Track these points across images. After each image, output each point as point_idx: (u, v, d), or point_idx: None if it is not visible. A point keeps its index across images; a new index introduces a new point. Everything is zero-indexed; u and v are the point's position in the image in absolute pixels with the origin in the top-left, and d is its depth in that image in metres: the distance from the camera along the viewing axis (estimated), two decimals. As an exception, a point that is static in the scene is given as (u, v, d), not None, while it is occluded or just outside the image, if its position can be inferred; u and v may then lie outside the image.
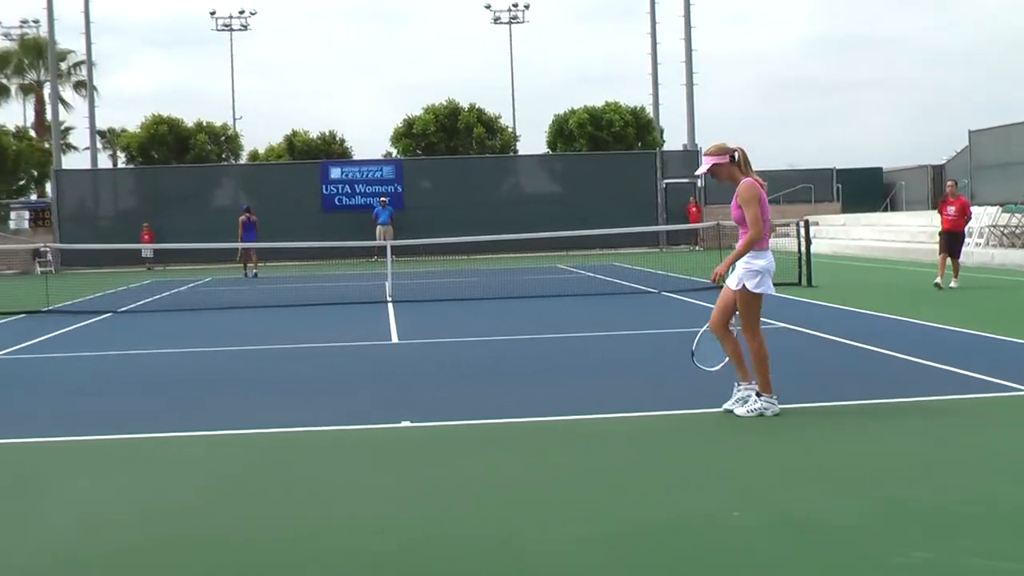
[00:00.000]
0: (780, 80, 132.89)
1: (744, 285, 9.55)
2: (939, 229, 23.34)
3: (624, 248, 46.33)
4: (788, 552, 5.93)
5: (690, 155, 52.95)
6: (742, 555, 5.87)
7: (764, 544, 6.04)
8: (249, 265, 38.59)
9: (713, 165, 9.76)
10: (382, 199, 47.48)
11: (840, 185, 54.41)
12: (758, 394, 9.62)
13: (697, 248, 47.74)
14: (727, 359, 9.95)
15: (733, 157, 9.73)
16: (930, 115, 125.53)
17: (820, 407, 10.03)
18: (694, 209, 50.21)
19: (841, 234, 42.99)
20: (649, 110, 58.42)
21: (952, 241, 22.88)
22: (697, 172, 9.93)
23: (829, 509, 6.67)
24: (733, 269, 9.71)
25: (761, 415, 9.50)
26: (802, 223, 25.33)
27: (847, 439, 8.76)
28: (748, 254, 9.56)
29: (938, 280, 22.42)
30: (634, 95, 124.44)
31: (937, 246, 23.60)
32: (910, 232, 37.14)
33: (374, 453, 8.82)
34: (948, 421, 9.47)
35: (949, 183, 24.18)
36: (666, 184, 51.42)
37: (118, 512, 7.18)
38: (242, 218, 38.73)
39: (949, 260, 22.76)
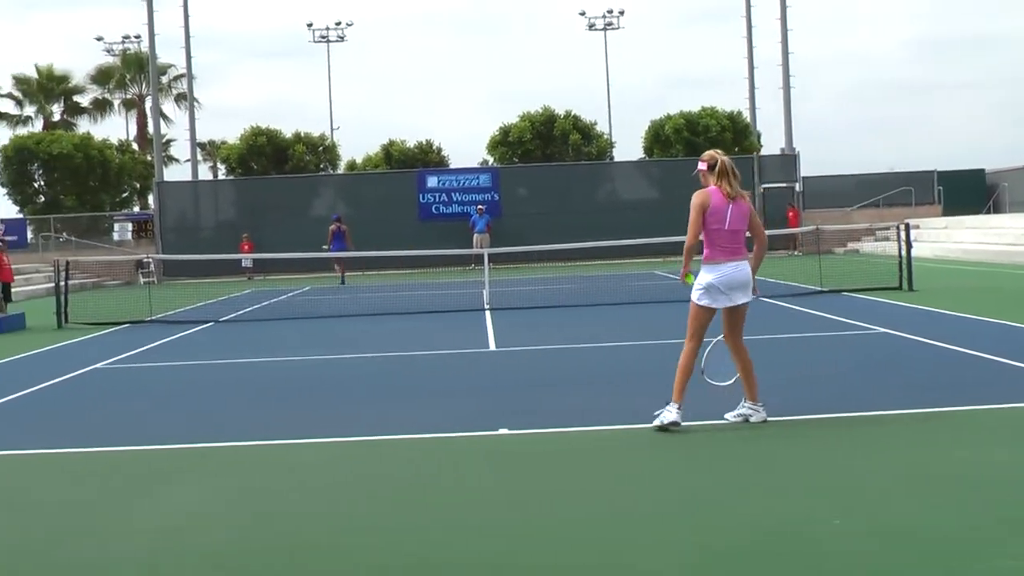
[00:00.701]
0: (879, 82, 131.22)
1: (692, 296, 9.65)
2: None
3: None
4: (893, 560, 5.85)
5: (788, 159, 52.54)
6: (848, 563, 5.81)
7: (869, 552, 5.97)
8: (334, 273, 39.68)
9: (697, 170, 9.83)
10: (479, 207, 47.60)
11: (941, 187, 53.56)
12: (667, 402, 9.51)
13: (796, 253, 47.31)
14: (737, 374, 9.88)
15: (714, 165, 9.69)
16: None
17: (921, 413, 9.91)
18: (792, 214, 49.79)
19: (943, 237, 42.33)
20: (746, 114, 58.07)
21: None
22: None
23: (931, 516, 6.59)
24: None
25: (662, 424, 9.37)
26: (902, 226, 25.00)
27: (950, 445, 8.65)
28: (703, 267, 9.68)
29: None
30: (731, 99, 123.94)
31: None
32: (1014, 234, 36.48)
33: (471, 460, 8.85)
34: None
35: None
36: (764, 189, 51.02)
37: (217, 520, 7.27)
38: (332, 227, 39.61)
39: None
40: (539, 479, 8.06)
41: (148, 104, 65.99)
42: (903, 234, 24.52)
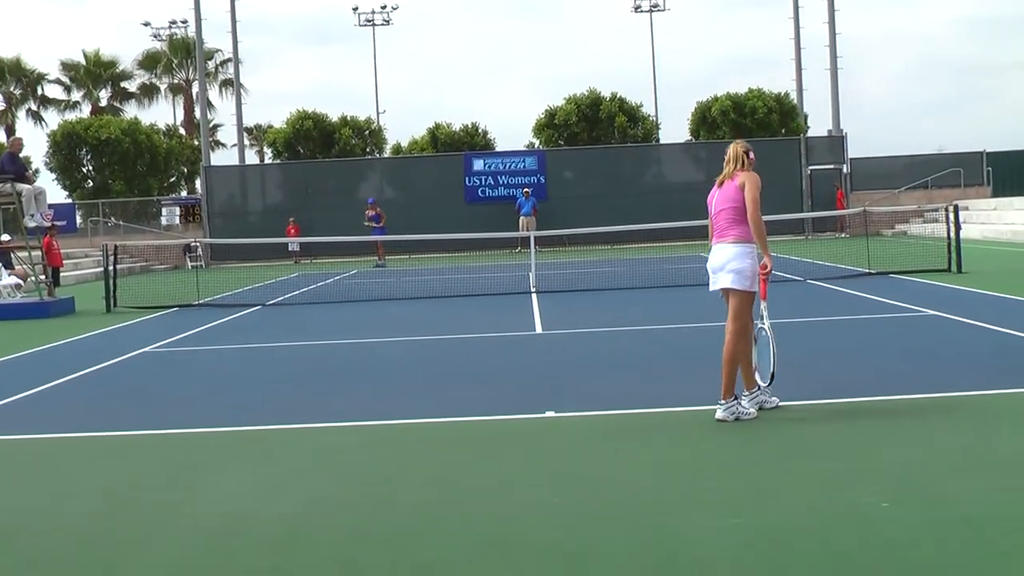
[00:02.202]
0: (929, 62, 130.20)
1: None
2: None
3: (769, 236, 45.54)
4: (943, 544, 5.81)
5: (835, 141, 52.25)
6: (896, 547, 5.77)
7: (915, 537, 5.93)
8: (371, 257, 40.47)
9: None
10: (525, 190, 47.61)
11: (991, 169, 53.04)
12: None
13: (843, 235, 47.08)
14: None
15: None
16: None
17: (973, 396, 9.82)
18: (840, 195, 49.55)
19: (992, 219, 41.92)
20: (793, 96, 57.77)
21: None
22: None
23: (985, 500, 6.52)
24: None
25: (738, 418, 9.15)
26: (951, 208, 24.80)
27: (1003, 429, 8.57)
28: None
29: None
30: (777, 81, 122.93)
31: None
32: (1065, 216, 36.14)
33: (518, 443, 8.85)
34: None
35: None
36: (811, 171, 50.75)
37: (266, 502, 7.29)
38: (377, 211, 40.52)
39: None
40: (585, 463, 8.04)
41: (195, 89, 66.30)
42: (952, 215, 24.31)
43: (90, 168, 59.71)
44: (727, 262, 9.34)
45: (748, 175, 9.36)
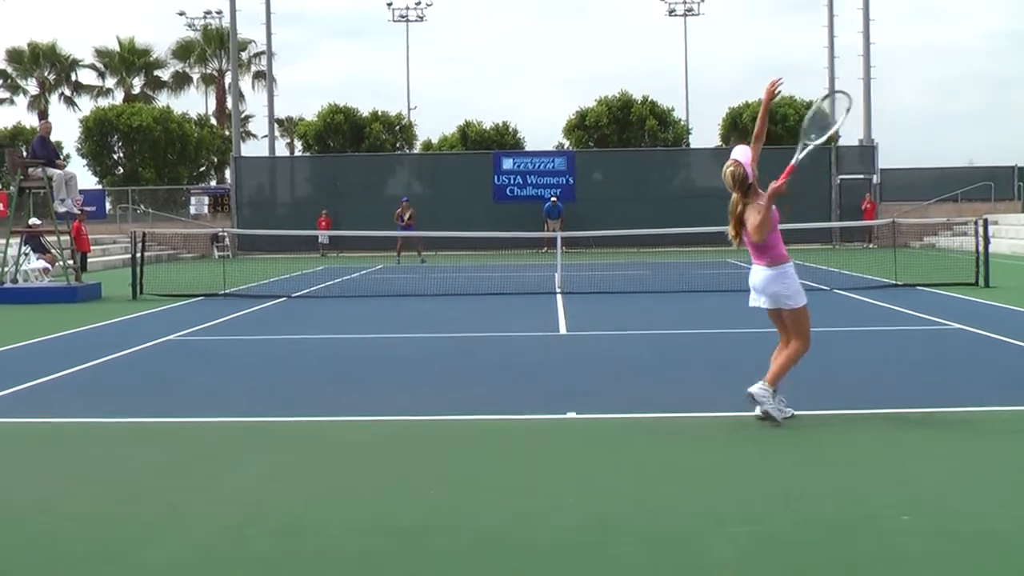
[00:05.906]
0: (961, 75, 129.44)
1: None
2: None
3: (796, 244, 45.39)
4: (959, 558, 5.79)
5: (866, 151, 52.12)
6: (912, 559, 5.75)
7: (933, 550, 5.91)
8: (405, 254, 40.18)
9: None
10: (553, 199, 47.61)
11: (1022, 184, 52.80)
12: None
13: (871, 246, 46.93)
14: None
15: None
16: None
17: (996, 411, 9.78)
18: (869, 206, 49.38)
19: (1022, 234, 41.71)
20: (825, 105, 57.51)
21: None
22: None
23: (1004, 516, 6.49)
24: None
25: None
26: (980, 222, 24.67)
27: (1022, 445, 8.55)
28: None
29: None
30: (810, 89, 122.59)
31: None
32: (1095, 233, 35.88)
33: (538, 443, 8.84)
34: None
35: None
36: (840, 180, 50.64)
37: (282, 493, 7.31)
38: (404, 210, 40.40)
39: None
40: (603, 465, 8.02)
41: (227, 80, 66.51)
42: (981, 229, 24.18)
43: (121, 155, 60.02)
44: (764, 286, 9.33)
45: (751, 208, 9.31)
